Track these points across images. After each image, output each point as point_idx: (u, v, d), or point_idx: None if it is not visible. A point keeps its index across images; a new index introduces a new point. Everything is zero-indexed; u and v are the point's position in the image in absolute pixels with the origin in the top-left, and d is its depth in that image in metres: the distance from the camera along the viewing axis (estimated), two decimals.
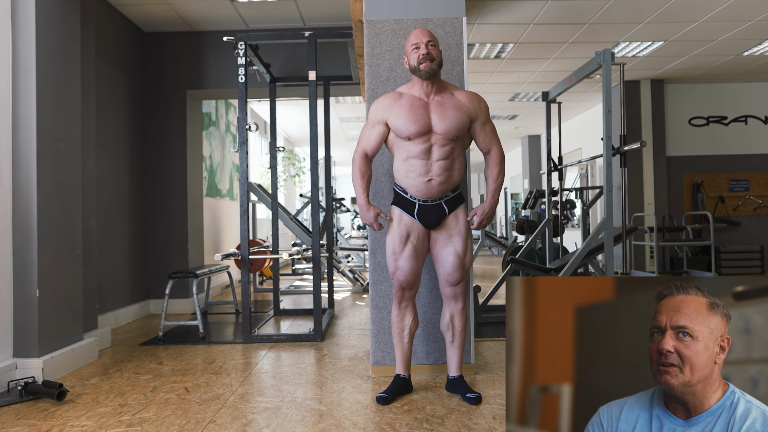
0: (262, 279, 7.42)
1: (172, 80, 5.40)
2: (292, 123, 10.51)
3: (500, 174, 2.68)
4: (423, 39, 2.55)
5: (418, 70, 2.56)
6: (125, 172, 4.97)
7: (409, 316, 2.71)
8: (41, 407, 2.65)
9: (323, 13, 5.06)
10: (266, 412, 2.53)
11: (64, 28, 3.37)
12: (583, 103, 9.12)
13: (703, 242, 6.65)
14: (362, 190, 2.67)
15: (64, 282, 3.29)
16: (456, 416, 2.42)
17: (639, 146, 3.82)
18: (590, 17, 5.26)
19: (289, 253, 4.57)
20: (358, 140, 2.72)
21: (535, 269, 4.47)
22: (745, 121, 7.92)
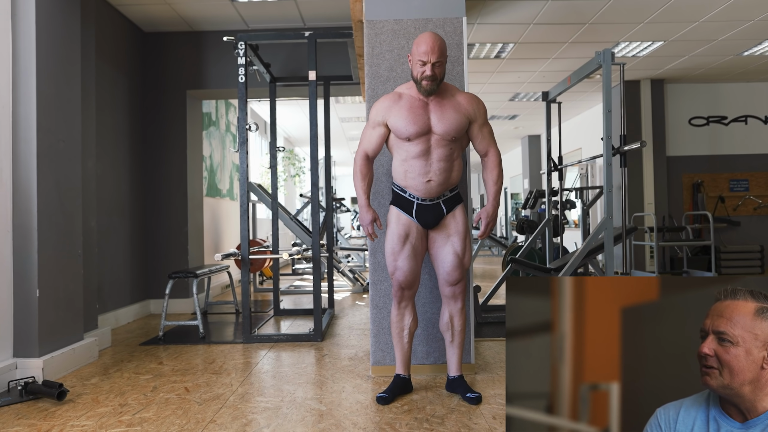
0: (262, 279, 7.42)
1: (172, 80, 5.40)
2: (292, 123, 10.51)
3: (499, 176, 2.69)
4: (431, 58, 2.50)
5: (419, 84, 2.56)
6: (125, 172, 4.97)
7: (408, 316, 2.71)
8: (41, 407, 2.65)
9: (323, 13, 5.06)
10: (266, 411, 2.53)
11: (64, 28, 3.37)
12: (583, 103, 9.12)
13: (703, 242, 6.65)
14: (363, 191, 2.67)
15: (64, 282, 3.29)
16: (456, 416, 2.42)
17: (639, 146, 3.83)
18: (590, 17, 5.26)
19: (289, 253, 4.57)
20: (359, 142, 2.73)
21: (535, 269, 4.47)
22: (745, 121, 7.92)
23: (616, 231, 4.47)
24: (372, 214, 2.66)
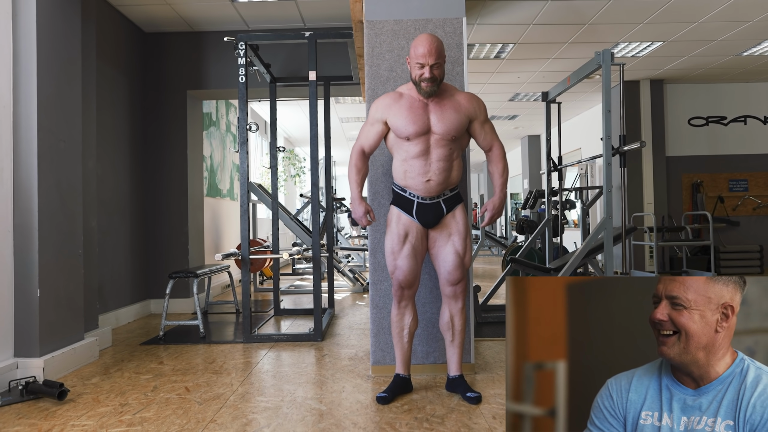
0: (263, 279, 7.43)
1: (172, 80, 5.41)
2: (292, 123, 10.52)
3: (505, 168, 2.72)
4: (429, 60, 2.51)
5: (418, 86, 2.57)
6: (126, 172, 4.97)
7: (408, 316, 2.72)
8: (42, 407, 2.66)
9: (323, 13, 5.06)
10: (266, 411, 2.53)
11: (64, 28, 3.38)
12: (583, 103, 9.13)
13: (702, 242, 6.66)
14: (356, 184, 2.69)
15: (64, 282, 3.29)
16: (456, 416, 2.43)
17: (638, 146, 3.83)
18: (590, 17, 5.27)
19: (290, 253, 4.58)
20: (357, 137, 2.74)
21: (535, 269, 4.47)
22: (744, 122, 7.93)
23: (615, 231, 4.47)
24: (365, 206, 2.67)
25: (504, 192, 2.72)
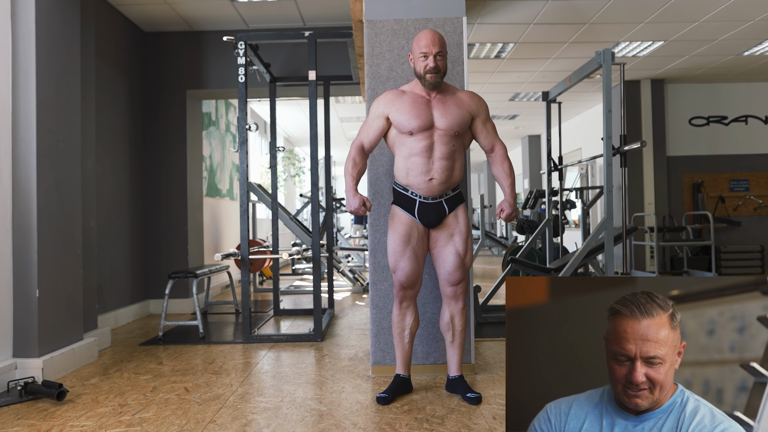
0: (262, 279, 7.42)
1: (172, 80, 5.40)
2: (292, 123, 10.51)
3: (510, 168, 2.73)
4: (433, 49, 2.54)
5: (423, 79, 2.58)
6: (125, 172, 4.97)
7: (409, 316, 2.71)
8: (41, 407, 2.65)
9: (323, 13, 5.06)
10: (266, 412, 2.52)
11: (64, 27, 3.37)
12: (583, 103, 9.12)
13: (703, 242, 6.65)
14: (352, 177, 2.66)
15: (63, 282, 3.28)
16: (456, 416, 2.42)
17: (639, 146, 3.82)
18: (590, 17, 5.26)
19: (289, 253, 4.57)
20: (357, 133, 2.73)
21: (535, 269, 4.47)
22: (745, 121, 7.92)
23: (616, 231, 4.47)
24: (359, 197, 2.63)
25: (514, 191, 2.72)
